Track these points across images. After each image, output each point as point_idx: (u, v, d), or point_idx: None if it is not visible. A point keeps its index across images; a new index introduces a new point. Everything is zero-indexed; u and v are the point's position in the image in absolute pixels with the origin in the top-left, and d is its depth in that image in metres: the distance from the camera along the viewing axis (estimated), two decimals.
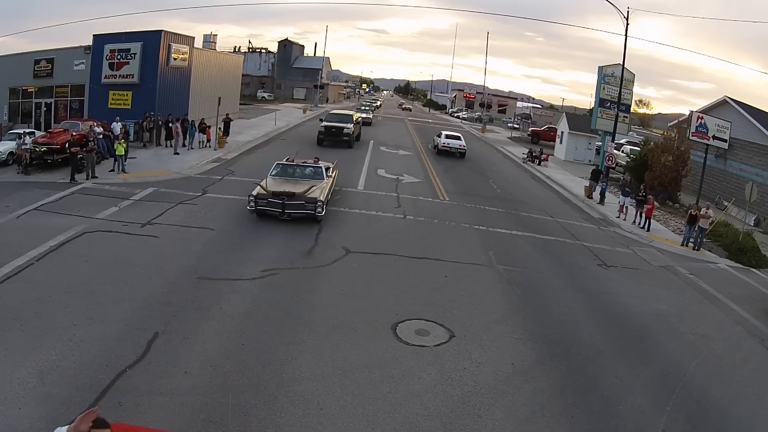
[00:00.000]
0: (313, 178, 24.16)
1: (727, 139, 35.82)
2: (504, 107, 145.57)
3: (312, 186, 22.95)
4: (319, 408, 10.43)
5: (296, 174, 24.46)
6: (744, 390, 13.21)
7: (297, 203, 21.83)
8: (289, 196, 21.71)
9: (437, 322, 14.61)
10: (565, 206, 34.02)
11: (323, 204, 22.22)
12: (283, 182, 23.26)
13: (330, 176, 25.33)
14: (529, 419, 10.84)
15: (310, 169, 24.89)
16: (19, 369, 10.69)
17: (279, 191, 21.94)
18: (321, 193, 22.57)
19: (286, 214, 21.77)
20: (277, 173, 24.45)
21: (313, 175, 24.51)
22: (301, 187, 22.50)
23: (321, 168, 25.05)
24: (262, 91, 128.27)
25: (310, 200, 21.96)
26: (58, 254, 17.07)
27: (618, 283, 19.98)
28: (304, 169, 24.93)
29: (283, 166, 25.09)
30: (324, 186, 23.51)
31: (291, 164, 25.26)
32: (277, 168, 24.89)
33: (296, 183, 23.17)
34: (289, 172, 24.56)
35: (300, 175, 24.40)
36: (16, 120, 40.67)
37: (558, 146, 62.86)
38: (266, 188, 22.33)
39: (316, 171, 24.81)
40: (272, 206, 21.82)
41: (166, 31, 40.74)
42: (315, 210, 21.93)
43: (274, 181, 23.31)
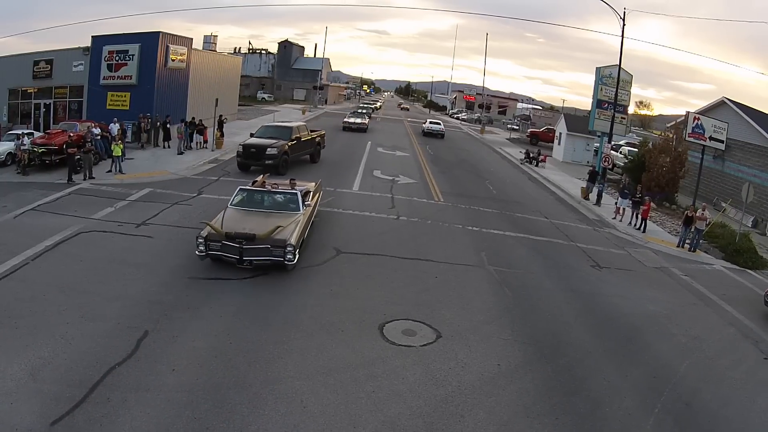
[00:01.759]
0: (286, 209, 19.15)
1: (724, 139, 35.84)
2: (504, 108, 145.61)
3: (281, 223, 17.61)
4: (302, 406, 10.54)
5: (264, 203, 19.58)
6: (735, 392, 13.22)
7: (260, 248, 16.56)
8: (249, 239, 16.42)
9: (425, 323, 14.70)
10: (560, 207, 34.03)
11: (295, 248, 16.82)
12: (244, 216, 18.28)
13: (308, 204, 20.43)
14: (512, 420, 10.91)
15: (282, 197, 19.84)
16: (12, 365, 10.94)
17: (234, 233, 16.55)
18: (293, 232, 17.28)
19: (245, 262, 16.64)
20: (240, 202, 19.46)
21: (286, 205, 19.44)
22: (268, 225, 17.28)
23: (297, 195, 19.85)
24: (262, 92, 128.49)
25: (278, 243, 16.60)
26: (53, 254, 17.25)
27: (610, 285, 19.99)
28: (274, 196, 19.92)
29: (248, 192, 20.04)
30: (299, 221, 18.41)
31: (258, 190, 20.41)
32: (240, 195, 19.81)
33: (262, 217, 18.28)
34: (255, 201, 19.60)
35: (269, 204, 19.53)
36: (16, 121, 40.84)
37: (556, 147, 62.85)
38: (220, 227, 16.93)
39: (289, 199, 19.68)
40: (227, 251, 16.54)
41: (164, 32, 40.87)
42: (284, 257, 16.53)
43: (233, 215, 18.32)
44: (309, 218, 20.17)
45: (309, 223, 20.19)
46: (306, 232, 19.41)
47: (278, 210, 19.11)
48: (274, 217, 18.26)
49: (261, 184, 21.73)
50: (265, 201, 19.75)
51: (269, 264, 16.87)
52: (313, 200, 21.69)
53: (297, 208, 19.27)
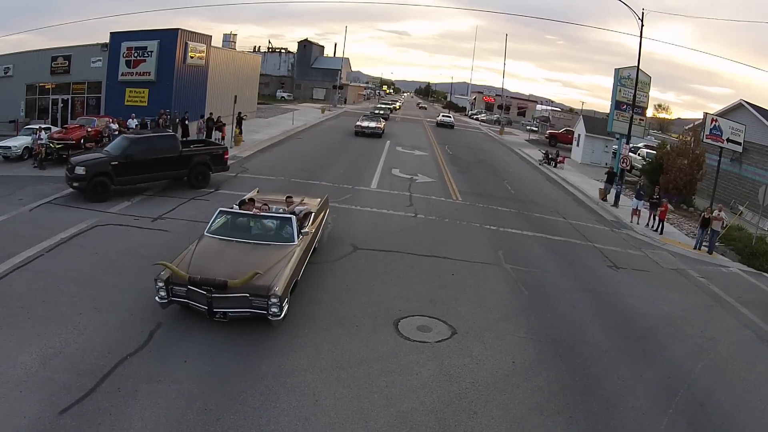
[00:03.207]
0: (277, 239, 14.98)
1: (742, 142, 35.50)
2: (523, 110, 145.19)
3: (267, 260, 13.51)
4: (314, 399, 10.52)
5: (250, 231, 15.42)
6: (749, 394, 13.07)
7: (234, 297, 12.40)
8: (219, 288, 12.28)
9: (440, 319, 14.65)
10: (578, 208, 33.84)
11: (282, 298, 12.44)
12: (221, 250, 14.09)
13: (306, 233, 15.78)
14: (526, 417, 10.82)
15: (272, 223, 15.64)
16: (23, 354, 10.99)
17: (200, 278, 12.41)
18: (280, 276, 12.92)
19: (216, 315, 12.57)
20: (219, 229, 15.18)
21: (277, 233, 15.26)
22: (247, 265, 12.95)
23: (291, 221, 15.43)
24: (282, 90, 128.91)
25: (259, 292, 12.36)
26: (68, 246, 17.35)
27: (627, 285, 19.81)
28: (262, 222, 15.71)
29: (229, 216, 15.75)
30: (291, 257, 14.01)
31: (242, 214, 16.03)
32: (220, 219, 15.52)
33: (243, 252, 14.09)
34: (238, 228, 15.44)
35: (256, 232, 15.39)
36: (33, 116, 41.16)
37: (575, 149, 62.59)
38: (186, 267, 12.93)
39: (282, 226, 15.41)
40: (194, 299, 12.64)
41: (182, 29, 41.12)
42: (268, 309, 12.35)
43: (207, 248, 14.15)
44: (308, 249, 15.91)
45: (308, 255, 16.03)
46: (303, 268, 15.11)
47: (266, 240, 14.85)
48: (259, 252, 14.08)
49: (250, 206, 16.85)
50: (251, 228, 15.55)
51: (248, 316, 12.76)
52: (314, 223, 17.41)
53: (290, 238, 14.94)
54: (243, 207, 16.56)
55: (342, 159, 39.68)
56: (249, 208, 16.51)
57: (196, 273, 12.60)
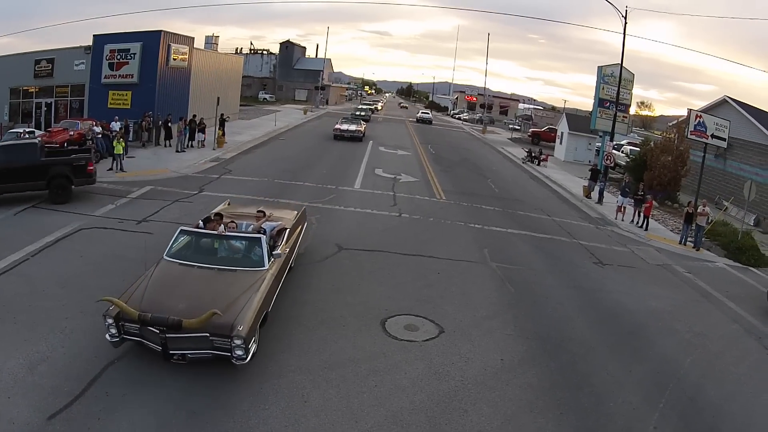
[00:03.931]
0: (244, 264, 13.09)
1: (726, 138, 35.65)
2: (506, 109, 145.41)
3: (232, 291, 11.75)
4: (304, 400, 10.47)
5: (214, 254, 13.49)
6: (739, 388, 13.16)
7: (193, 337, 10.66)
8: (173, 328, 10.48)
9: (427, 318, 14.63)
10: (562, 205, 33.97)
11: (248, 340, 10.68)
12: (180, 279, 12.20)
13: (278, 255, 13.78)
14: (516, 414, 10.82)
15: (240, 244, 13.70)
16: (9, 360, 10.86)
17: (150, 317, 10.54)
18: (246, 312, 11.11)
19: (173, 357, 10.93)
20: (180, 252, 13.34)
21: (245, 257, 13.36)
22: (206, 297, 11.30)
23: (260, 242, 13.45)
24: (264, 92, 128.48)
25: (219, 331, 10.55)
26: (53, 250, 17.19)
27: (613, 281, 19.90)
28: (229, 243, 13.71)
29: (191, 236, 13.86)
30: (259, 287, 12.14)
31: (205, 234, 14.02)
32: (182, 240, 13.69)
33: (205, 281, 12.15)
34: (201, 251, 13.50)
35: (222, 255, 13.48)
36: (17, 120, 40.85)
37: (558, 147, 62.80)
38: (139, 300, 11.11)
39: (250, 248, 13.49)
40: (149, 337, 10.93)
41: (165, 31, 40.88)
42: (231, 351, 10.59)
43: (164, 277, 12.20)
44: (281, 272, 14.09)
45: (282, 278, 14.22)
46: (275, 295, 13.28)
47: (232, 265, 12.97)
48: (223, 280, 12.26)
49: (215, 224, 14.73)
50: (216, 250, 13.62)
51: (209, 358, 11.03)
52: (289, 241, 15.59)
53: (260, 262, 13.03)
54: (208, 225, 14.73)
55: (325, 159, 39.63)
56: (216, 225, 14.61)
57: (149, 308, 10.81)
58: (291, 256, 15.87)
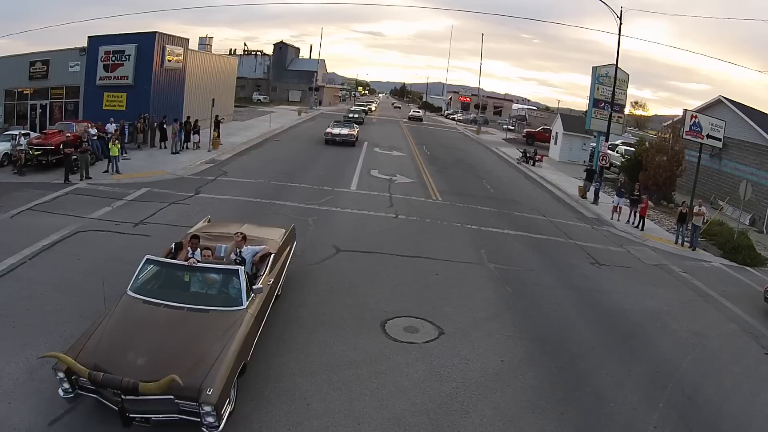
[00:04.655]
0: (219, 303, 11.06)
1: (722, 138, 35.78)
2: (500, 109, 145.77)
3: (201, 342, 9.86)
4: (306, 403, 10.47)
5: (186, 288, 11.43)
6: (738, 387, 13.23)
7: (153, 400, 8.97)
8: (129, 391, 8.82)
9: (426, 319, 14.64)
10: (558, 206, 34.04)
11: (219, 406, 9.00)
12: (142, 321, 10.27)
13: (259, 290, 11.72)
14: (518, 415, 10.84)
15: (215, 277, 11.58)
16: (9, 365, 10.78)
17: (101, 378, 8.88)
18: (216, 369, 9.33)
19: (135, 420, 9.28)
20: (145, 286, 11.29)
21: (219, 294, 11.39)
22: (172, 347, 9.62)
23: (238, 276, 11.37)
24: (258, 93, 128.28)
25: (185, 394, 8.94)
26: (50, 253, 17.09)
27: (610, 281, 19.96)
28: (202, 276, 11.63)
29: (159, 268, 11.80)
30: (235, 333, 10.24)
31: (177, 265, 12.03)
32: (148, 270, 11.61)
33: (170, 326, 10.17)
34: (169, 284, 11.51)
35: (194, 290, 11.44)
36: (11, 121, 40.64)
37: (552, 147, 62.87)
38: (93, 353, 9.43)
39: (226, 283, 11.47)
40: (104, 396, 9.29)
41: (160, 32, 40.80)
42: (201, 417, 9.00)
43: (125, 320, 10.31)
44: (264, 307, 12.13)
45: (266, 313, 12.34)
46: (256, 338, 11.35)
47: (205, 304, 10.87)
48: (193, 324, 10.25)
49: (189, 251, 12.93)
50: (187, 284, 11.53)
51: (175, 421, 9.31)
52: (276, 267, 13.70)
53: (237, 300, 11.00)
54: (179, 254, 13.08)
55: (320, 161, 39.61)
56: (190, 249, 12.93)
57: (104, 362, 9.14)
58: (277, 285, 13.90)
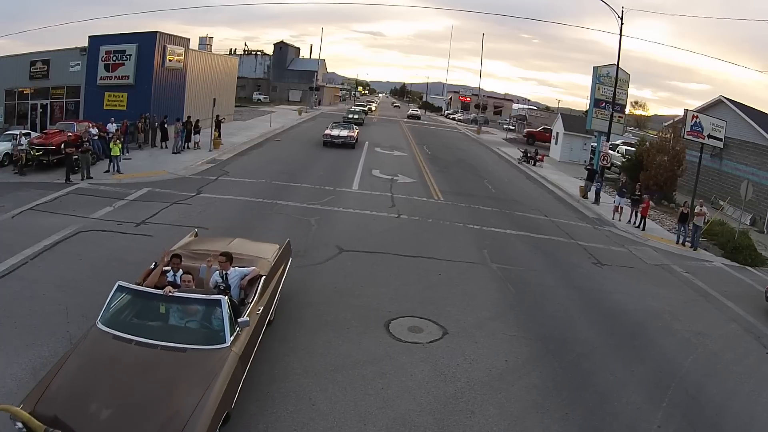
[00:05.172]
0: (197, 340, 9.58)
1: (722, 138, 35.82)
2: (500, 109, 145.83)
3: (177, 389, 8.53)
4: (311, 404, 10.44)
5: (162, 321, 9.96)
6: (740, 386, 13.23)
7: None
8: None
9: (430, 319, 14.63)
10: (559, 206, 34.04)
11: None
12: (110, 361, 8.93)
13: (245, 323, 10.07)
14: (523, 415, 10.84)
15: (195, 309, 10.07)
16: (12, 365, 10.73)
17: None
18: (195, 425, 7.92)
19: None
20: (116, 317, 9.89)
21: (200, 329, 9.93)
22: (142, 395, 8.38)
23: (221, 307, 9.81)
24: (258, 93, 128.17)
25: None
26: (52, 253, 17.06)
27: (612, 281, 19.97)
28: (180, 308, 10.02)
29: (130, 297, 10.30)
30: (216, 378, 8.83)
31: (150, 295, 10.27)
32: (120, 299, 10.14)
33: (142, 369, 8.81)
34: (143, 316, 10.12)
35: (172, 323, 9.95)
36: (12, 121, 40.57)
37: (553, 147, 62.88)
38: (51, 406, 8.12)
39: (207, 316, 9.96)
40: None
41: (161, 32, 40.71)
42: None
43: (93, 355, 9.10)
44: (251, 346, 10.44)
45: (251, 353, 10.50)
46: (240, 384, 9.65)
47: (183, 342, 9.35)
48: (168, 367, 8.86)
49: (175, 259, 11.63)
50: (163, 316, 9.99)
51: None
52: (267, 291, 12.18)
53: (219, 337, 9.48)
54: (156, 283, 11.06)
55: (321, 160, 39.59)
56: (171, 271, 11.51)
57: (64, 412, 7.96)
58: (269, 311, 12.35)
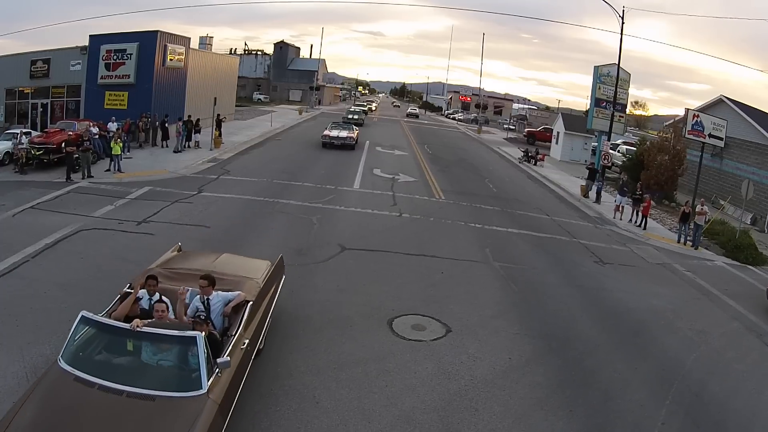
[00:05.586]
0: (169, 386, 8.06)
1: (723, 137, 35.81)
2: (500, 109, 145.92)
3: None
4: (315, 401, 10.42)
5: (130, 359, 8.57)
6: (742, 384, 13.24)
7: None
8: None
9: (433, 317, 14.61)
10: (561, 205, 34.03)
11: None
12: (67, 411, 7.59)
13: (226, 364, 8.55)
14: (527, 413, 10.83)
15: (166, 347, 8.60)
16: (13, 363, 10.69)
17: None
18: None
19: None
20: (78, 354, 8.55)
21: (172, 372, 8.48)
22: None
23: (196, 346, 8.36)
24: (258, 93, 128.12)
25: None
26: (53, 251, 17.03)
27: (614, 280, 19.96)
28: (149, 347, 8.58)
29: (95, 331, 8.91)
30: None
31: (116, 329, 8.73)
32: (83, 333, 8.79)
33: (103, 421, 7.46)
34: (108, 353, 8.69)
35: (139, 365, 8.50)
36: (12, 121, 40.51)
37: (554, 146, 62.88)
38: None
39: (181, 357, 8.54)
40: None
41: (162, 31, 40.62)
42: None
43: (50, 401, 7.78)
44: (233, 389, 8.92)
45: (234, 398, 8.96)
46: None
47: (152, 386, 7.97)
48: (134, 419, 7.57)
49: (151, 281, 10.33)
50: (132, 355, 8.59)
51: None
52: (252, 323, 10.47)
53: (194, 384, 8.08)
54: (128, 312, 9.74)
55: (323, 160, 39.56)
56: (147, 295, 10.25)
57: None
58: (257, 342, 10.83)
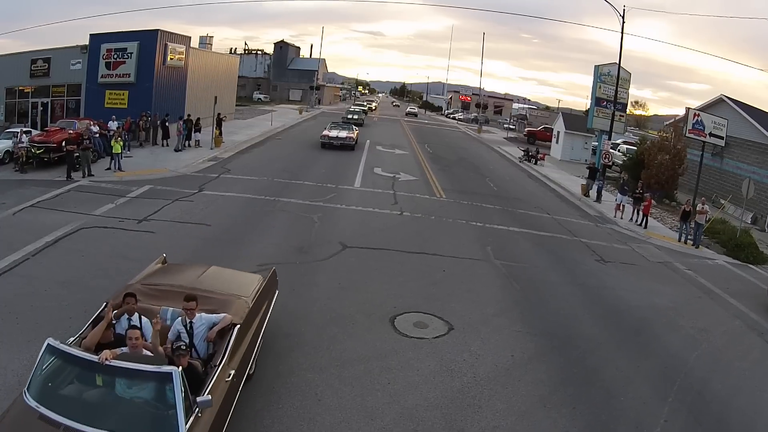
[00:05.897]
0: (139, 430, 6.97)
1: (724, 136, 35.80)
2: (500, 108, 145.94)
3: None
4: (317, 399, 10.39)
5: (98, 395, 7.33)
6: (745, 382, 13.24)
7: None
8: None
9: (436, 315, 14.60)
10: (561, 204, 34.02)
11: None
12: None
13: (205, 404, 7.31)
14: (530, 410, 10.81)
15: (137, 385, 7.31)
16: (14, 361, 10.65)
17: None
18: None
19: None
20: (45, 387, 7.43)
21: (143, 411, 7.17)
22: None
23: (172, 386, 7.02)
24: (258, 92, 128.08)
25: None
26: (54, 249, 17.00)
27: (616, 278, 19.95)
28: (119, 383, 7.30)
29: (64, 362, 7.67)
30: None
31: (83, 361, 7.46)
32: (49, 364, 7.63)
33: None
34: (76, 388, 7.45)
35: (108, 402, 7.22)
36: (12, 120, 40.50)
37: (554, 146, 62.88)
38: None
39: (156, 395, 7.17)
40: None
41: (162, 30, 40.59)
42: None
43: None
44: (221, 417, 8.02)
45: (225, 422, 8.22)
46: None
47: (122, 428, 6.88)
48: None
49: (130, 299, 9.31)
50: (101, 392, 7.43)
51: None
52: (240, 349, 9.36)
53: (170, 427, 6.91)
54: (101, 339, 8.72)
55: (323, 159, 39.56)
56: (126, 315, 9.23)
57: None
58: (245, 369, 9.70)
